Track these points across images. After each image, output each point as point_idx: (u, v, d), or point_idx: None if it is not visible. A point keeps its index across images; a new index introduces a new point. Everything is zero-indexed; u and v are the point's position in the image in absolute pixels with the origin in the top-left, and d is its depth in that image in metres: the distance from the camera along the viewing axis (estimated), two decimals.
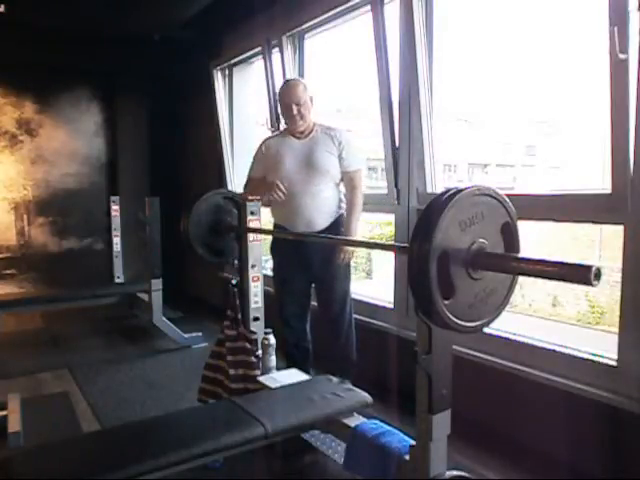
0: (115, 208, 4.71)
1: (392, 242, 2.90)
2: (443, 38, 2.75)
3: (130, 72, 5.15)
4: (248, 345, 2.36)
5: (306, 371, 2.51)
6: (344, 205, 2.68)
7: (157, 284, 3.79)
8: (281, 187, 2.58)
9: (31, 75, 4.91)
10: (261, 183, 2.70)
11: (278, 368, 2.41)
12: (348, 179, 2.64)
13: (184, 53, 4.84)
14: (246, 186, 2.79)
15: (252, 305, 2.45)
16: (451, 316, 1.19)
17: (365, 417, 1.96)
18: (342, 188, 2.69)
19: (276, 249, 2.78)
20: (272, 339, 2.38)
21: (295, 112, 2.59)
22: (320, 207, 2.62)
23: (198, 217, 2.45)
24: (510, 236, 1.28)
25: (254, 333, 2.40)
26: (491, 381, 2.33)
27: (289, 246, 2.62)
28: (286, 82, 2.76)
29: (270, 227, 2.75)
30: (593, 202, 2.06)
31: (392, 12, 2.77)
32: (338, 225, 2.63)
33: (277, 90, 3.67)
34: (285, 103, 2.62)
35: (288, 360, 2.72)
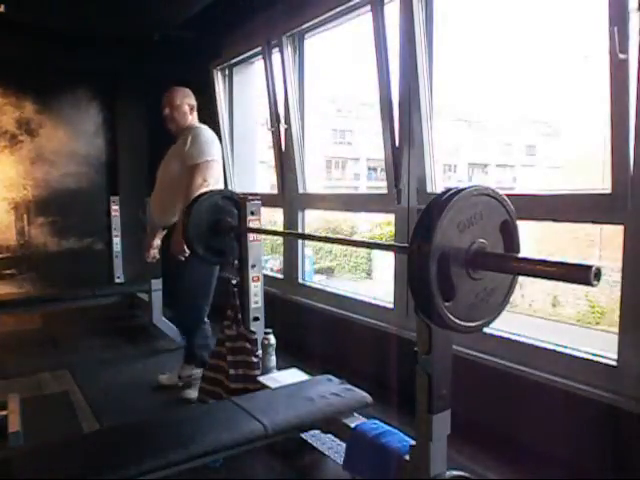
0: (115, 208, 4.72)
1: (392, 242, 2.91)
2: (443, 38, 2.75)
3: (130, 72, 5.15)
4: (248, 345, 2.37)
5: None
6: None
7: (157, 284, 3.78)
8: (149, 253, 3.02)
9: (31, 75, 4.90)
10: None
11: (278, 368, 2.41)
12: (187, 174, 2.66)
13: (184, 53, 4.83)
14: None
15: (252, 305, 2.45)
16: (451, 316, 1.19)
17: (365, 417, 1.96)
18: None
19: None
20: (272, 339, 2.38)
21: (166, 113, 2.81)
22: (160, 207, 2.83)
23: (198, 217, 2.45)
24: (510, 236, 1.28)
25: (254, 333, 2.40)
26: (491, 381, 2.33)
27: None
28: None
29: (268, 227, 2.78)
30: (593, 202, 2.06)
31: (392, 12, 2.77)
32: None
33: (277, 90, 3.70)
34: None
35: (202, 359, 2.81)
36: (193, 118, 2.86)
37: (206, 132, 2.77)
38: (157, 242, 3.04)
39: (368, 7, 2.85)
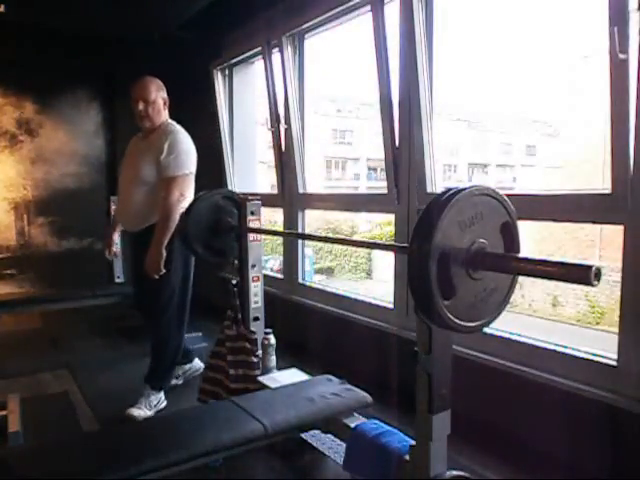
0: (115, 208, 4.71)
1: (392, 242, 2.91)
2: (443, 38, 2.75)
3: (130, 72, 5.13)
4: (248, 345, 2.37)
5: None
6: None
7: None
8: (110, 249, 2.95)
9: (31, 75, 4.90)
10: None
11: (278, 368, 2.41)
12: (163, 185, 2.50)
13: (184, 53, 4.83)
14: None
15: (252, 305, 2.45)
16: (451, 316, 1.19)
17: (365, 417, 1.96)
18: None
19: (179, 246, 2.57)
20: (272, 339, 2.39)
21: (141, 108, 2.63)
22: (130, 211, 2.64)
23: (198, 217, 2.44)
24: (510, 236, 1.28)
25: (254, 333, 2.40)
26: (491, 381, 2.34)
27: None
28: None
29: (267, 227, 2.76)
30: (593, 202, 2.06)
31: (392, 12, 2.77)
32: (150, 234, 2.49)
33: (277, 90, 3.71)
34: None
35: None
36: (166, 114, 2.70)
37: (184, 138, 2.59)
38: (116, 237, 3.00)
39: (368, 7, 2.85)
